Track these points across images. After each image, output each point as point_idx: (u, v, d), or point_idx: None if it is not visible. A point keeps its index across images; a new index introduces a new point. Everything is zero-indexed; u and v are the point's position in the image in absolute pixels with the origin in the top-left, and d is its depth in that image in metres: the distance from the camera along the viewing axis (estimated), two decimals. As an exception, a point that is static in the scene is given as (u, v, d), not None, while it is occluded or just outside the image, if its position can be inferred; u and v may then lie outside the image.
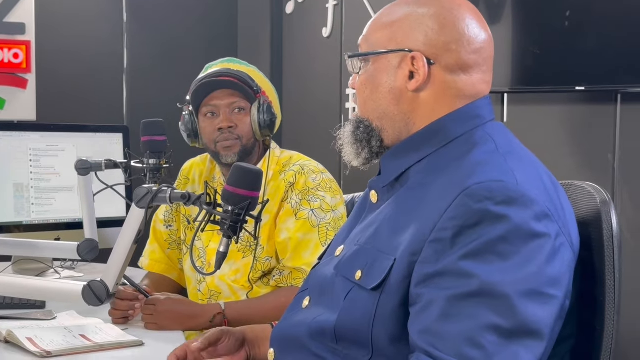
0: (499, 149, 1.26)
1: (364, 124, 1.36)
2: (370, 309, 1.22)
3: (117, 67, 4.06)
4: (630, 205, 2.26)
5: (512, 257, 1.13)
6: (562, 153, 2.48)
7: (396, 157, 1.35)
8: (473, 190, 1.17)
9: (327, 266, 1.39)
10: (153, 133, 2.13)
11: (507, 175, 1.19)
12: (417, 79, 1.30)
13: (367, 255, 1.27)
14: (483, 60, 1.34)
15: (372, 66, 1.35)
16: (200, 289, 2.23)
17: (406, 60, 1.31)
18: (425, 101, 1.32)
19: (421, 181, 1.28)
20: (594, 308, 1.27)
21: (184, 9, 4.19)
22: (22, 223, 2.61)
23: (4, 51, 3.75)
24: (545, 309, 1.14)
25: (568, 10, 2.33)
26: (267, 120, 2.16)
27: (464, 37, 1.31)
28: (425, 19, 1.31)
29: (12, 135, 2.61)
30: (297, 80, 4.04)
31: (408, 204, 1.27)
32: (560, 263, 1.17)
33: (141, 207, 1.58)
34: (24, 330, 1.80)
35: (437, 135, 1.31)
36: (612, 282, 1.23)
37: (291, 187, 2.13)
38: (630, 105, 2.28)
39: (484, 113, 1.33)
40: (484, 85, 1.35)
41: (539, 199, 1.18)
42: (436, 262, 1.16)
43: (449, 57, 1.30)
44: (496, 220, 1.14)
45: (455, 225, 1.16)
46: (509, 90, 2.62)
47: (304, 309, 1.39)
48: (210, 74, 2.17)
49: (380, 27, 1.35)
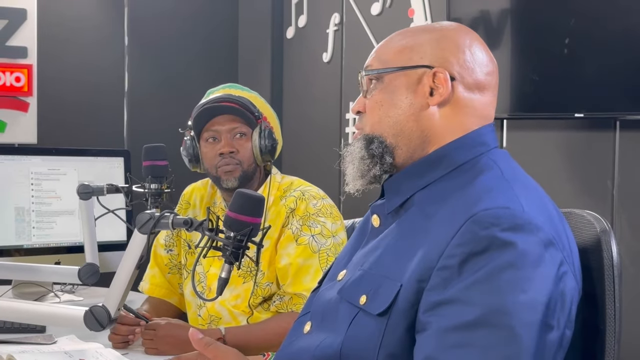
0: (504, 175, 1.27)
1: (378, 140, 1.35)
2: (376, 335, 1.22)
3: (118, 91, 4.07)
4: (629, 232, 2.27)
5: (518, 284, 1.13)
6: (561, 179, 2.49)
7: (401, 183, 1.34)
8: (480, 217, 1.17)
9: (329, 291, 1.38)
10: (155, 158, 2.14)
11: (513, 202, 1.19)
12: (441, 93, 1.30)
13: (371, 281, 1.27)
14: (494, 84, 1.36)
15: (389, 83, 1.34)
16: (201, 314, 2.23)
17: (427, 76, 1.31)
18: (443, 118, 1.32)
19: (426, 208, 1.28)
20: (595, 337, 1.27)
21: (185, 33, 4.21)
22: (23, 247, 2.61)
23: (5, 75, 3.77)
24: (548, 339, 1.14)
25: (567, 37, 2.34)
26: (268, 145, 2.17)
27: (479, 59, 1.33)
28: (442, 39, 1.33)
29: (13, 159, 2.62)
30: (297, 105, 4.05)
31: (413, 230, 1.27)
32: (562, 292, 1.17)
33: (143, 232, 1.58)
34: (25, 355, 1.80)
35: (442, 162, 1.31)
36: (612, 311, 1.23)
37: (292, 213, 2.14)
38: (629, 132, 2.30)
39: (488, 140, 1.34)
40: (492, 110, 1.37)
41: (545, 226, 1.18)
42: (444, 289, 1.16)
43: (468, 75, 1.32)
44: (503, 247, 1.14)
45: (462, 252, 1.16)
46: (508, 116, 2.63)
47: (306, 335, 1.38)
48: (211, 100, 2.18)
49: (397, 48, 1.36)
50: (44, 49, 3.86)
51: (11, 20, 3.77)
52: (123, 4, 4.08)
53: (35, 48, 3.83)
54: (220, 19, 4.31)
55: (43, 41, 3.85)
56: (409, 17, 3.12)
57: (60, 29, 3.94)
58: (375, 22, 3.35)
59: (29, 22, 3.80)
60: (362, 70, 1.39)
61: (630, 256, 2.25)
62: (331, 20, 3.69)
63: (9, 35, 3.78)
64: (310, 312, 1.42)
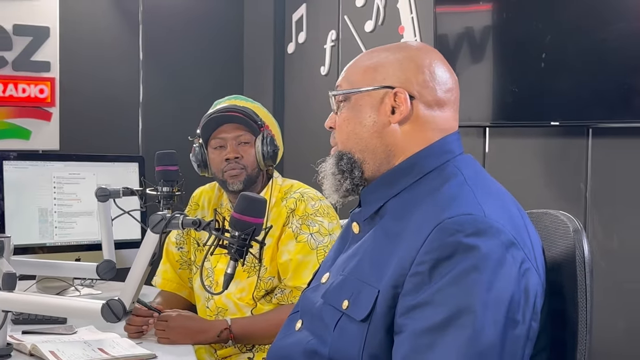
0: (468, 182, 1.27)
1: (346, 156, 1.36)
2: (360, 339, 1.22)
3: (133, 102, 4.07)
4: (600, 231, 2.27)
5: (483, 285, 1.13)
6: (538, 182, 2.49)
7: (375, 192, 1.35)
8: (445, 225, 1.17)
9: (314, 292, 1.39)
10: (166, 163, 2.15)
11: (475, 208, 1.19)
12: (401, 111, 1.31)
13: (352, 286, 1.27)
14: (454, 99, 1.37)
15: (355, 102, 1.36)
16: (209, 306, 2.23)
17: (389, 96, 1.32)
18: (405, 134, 1.32)
19: (398, 214, 1.29)
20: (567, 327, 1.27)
21: (195, 49, 4.21)
22: (46, 245, 2.61)
23: (30, 87, 3.77)
24: (514, 333, 1.14)
25: (544, 52, 2.34)
26: (270, 151, 2.18)
27: (439, 78, 1.34)
28: (404, 60, 1.34)
29: (37, 165, 2.62)
30: (297, 114, 4.06)
31: (387, 236, 1.27)
32: (526, 288, 1.17)
33: (156, 232, 1.58)
34: (47, 344, 1.80)
35: (412, 170, 1.32)
36: (584, 304, 1.23)
37: (292, 213, 2.14)
38: (600, 139, 2.30)
39: (453, 148, 1.34)
40: (455, 122, 1.37)
41: (506, 228, 1.18)
42: (416, 294, 1.16)
43: (427, 93, 1.32)
44: (468, 251, 1.14)
45: (431, 259, 1.16)
46: (490, 124, 2.63)
47: (297, 331, 1.38)
48: (218, 110, 2.19)
49: (362, 69, 1.37)
50: (66, 64, 3.86)
51: (35, 37, 3.77)
52: (138, 23, 4.08)
53: (57, 62, 3.82)
54: (227, 35, 4.32)
55: (65, 56, 3.85)
56: (400, 33, 3.12)
57: (80, 45, 3.94)
58: (368, 38, 3.35)
59: (51, 39, 3.80)
60: (332, 90, 1.40)
61: (601, 253, 2.25)
62: (328, 37, 3.69)
63: (34, 51, 3.78)
64: (300, 311, 1.42)
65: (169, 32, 4.15)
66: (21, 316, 2.06)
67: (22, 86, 3.75)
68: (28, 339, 1.87)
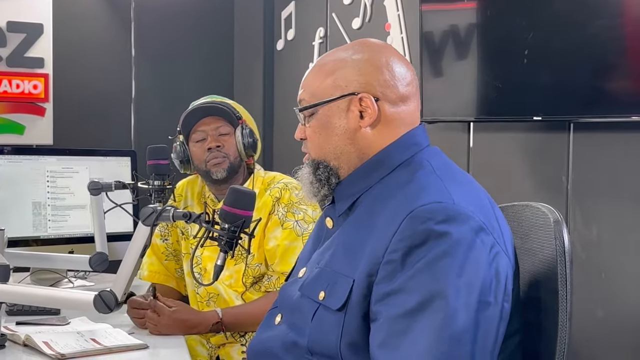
0: (436, 172, 1.28)
1: (322, 165, 1.36)
2: (337, 327, 1.23)
3: (125, 98, 4.06)
4: (581, 223, 2.28)
5: (454, 270, 1.14)
6: (521, 176, 2.50)
7: (347, 188, 1.35)
8: (417, 213, 1.18)
9: (292, 286, 1.39)
10: (158, 157, 2.14)
11: (444, 196, 1.20)
12: (370, 115, 1.31)
13: (327, 277, 1.27)
14: (415, 90, 1.37)
15: (322, 114, 1.34)
16: (199, 292, 2.23)
17: (354, 102, 1.32)
18: (376, 135, 1.33)
19: (370, 207, 1.29)
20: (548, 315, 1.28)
21: (186, 46, 4.20)
22: (40, 237, 2.60)
23: (24, 83, 3.75)
24: (486, 314, 1.15)
25: (526, 49, 2.35)
26: (250, 141, 2.20)
27: (398, 75, 1.33)
28: (361, 63, 1.33)
29: (31, 159, 2.61)
30: (287, 109, 4.05)
31: (360, 228, 1.28)
32: (497, 270, 1.18)
33: (147, 224, 1.58)
34: (40, 335, 1.79)
35: (382, 164, 1.32)
36: (564, 292, 1.24)
37: (277, 201, 2.16)
38: (581, 133, 2.30)
39: (420, 140, 1.35)
40: (418, 113, 1.38)
41: (475, 214, 1.19)
42: (390, 281, 1.17)
43: (390, 92, 1.32)
44: (439, 238, 1.15)
45: (404, 247, 1.17)
46: (474, 119, 2.64)
47: (277, 325, 1.39)
48: (196, 105, 2.22)
49: (321, 77, 1.35)
50: (59, 60, 3.84)
51: (29, 34, 3.75)
52: (130, 19, 4.06)
53: (51, 59, 3.81)
54: (218, 32, 4.31)
55: (58, 53, 3.84)
56: (386, 30, 3.12)
57: (73, 42, 3.92)
58: (356, 35, 3.34)
59: (45, 36, 3.79)
60: (296, 107, 1.39)
61: (582, 244, 2.26)
62: (317, 34, 3.69)
63: (28, 48, 3.76)
64: (279, 305, 1.43)
65: (161, 29, 4.14)
66: (15, 307, 2.05)
67: (16, 82, 3.74)
68: (22, 329, 1.86)
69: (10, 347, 1.76)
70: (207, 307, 2.19)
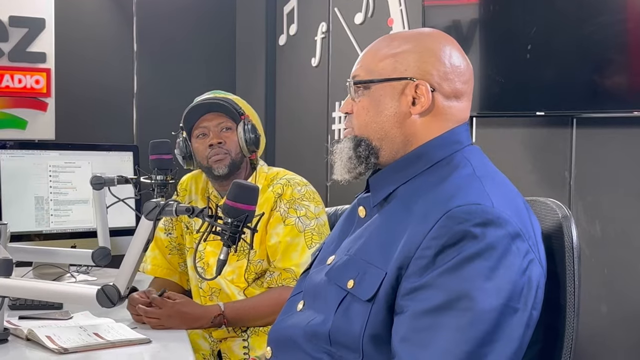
0: (476, 172, 1.26)
1: (365, 142, 1.34)
2: (362, 317, 1.21)
3: (127, 92, 4.04)
4: (584, 218, 2.26)
5: (483, 273, 1.12)
6: (524, 171, 2.49)
7: (385, 179, 1.34)
8: (454, 213, 1.16)
9: (319, 274, 1.37)
10: (160, 152, 2.13)
11: (484, 199, 1.19)
12: (422, 104, 1.29)
13: (357, 266, 1.26)
14: (470, 89, 1.36)
15: (375, 91, 1.33)
16: (202, 287, 2.23)
17: (410, 87, 1.30)
18: (424, 124, 1.31)
19: (407, 200, 1.27)
20: (557, 313, 1.27)
21: (188, 40, 4.18)
22: (42, 232, 2.59)
23: (26, 77, 3.73)
24: (513, 320, 1.13)
25: (529, 44, 2.33)
26: (252, 137, 2.18)
27: (458, 69, 1.32)
28: (425, 51, 1.31)
29: (34, 154, 2.60)
30: (288, 105, 4.04)
31: (395, 220, 1.26)
32: (529, 278, 1.16)
33: (150, 219, 1.57)
34: (43, 329, 1.78)
35: (422, 159, 1.30)
36: (572, 288, 1.23)
37: (279, 198, 2.14)
38: (584, 128, 2.29)
39: (462, 139, 1.33)
40: (468, 112, 1.36)
41: (512, 220, 1.17)
42: (419, 277, 1.16)
43: (447, 85, 1.31)
44: (474, 240, 1.14)
45: (437, 244, 1.15)
46: (477, 114, 2.62)
47: (299, 312, 1.37)
48: (199, 101, 2.20)
49: (382, 57, 1.33)
50: (61, 55, 3.82)
51: (31, 28, 3.73)
52: (132, 15, 4.04)
53: (53, 53, 3.78)
54: (220, 27, 4.28)
55: (60, 47, 3.81)
56: (389, 25, 3.10)
57: (75, 37, 3.90)
58: (358, 30, 3.33)
59: (47, 30, 3.76)
60: (350, 79, 1.37)
61: (585, 239, 2.24)
62: (319, 29, 3.67)
63: (30, 42, 3.74)
64: (302, 292, 1.41)
65: (163, 23, 4.12)
66: (17, 302, 2.04)
67: (18, 77, 3.72)
68: (25, 324, 1.86)
69: (13, 342, 1.75)
70: (209, 302, 2.18)
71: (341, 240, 1.40)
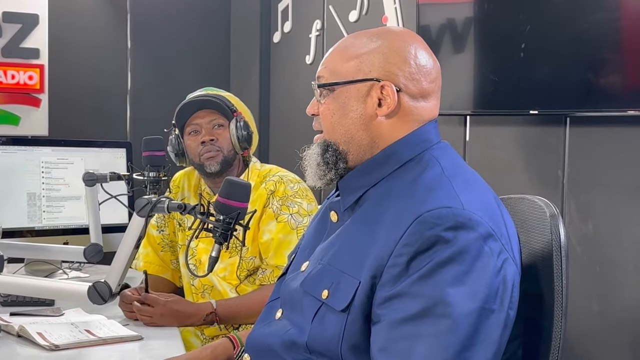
0: (445, 172, 1.25)
1: (332, 147, 1.32)
2: (339, 329, 1.20)
3: (121, 89, 4.04)
4: (577, 216, 2.27)
5: (458, 277, 1.12)
6: (517, 169, 2.50)
7: (353, 181, 1.32)
8: (424, 218, 1.15)
9: (294, 281, 1.36)
10: (153, 149, 2.14)
11: (454, 201, 1.17)
12: (388, 105, 1.28)
13: (331, 275, 1.25)
14: (437, 88, 1.34)
15: (340, 94, 1.31)
16: (194, 284, 2.23)
17: (375, 89, 1.28)
18: (390, 126, 1.29)
19: (377, 204, 1.26)
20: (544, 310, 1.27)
21: (182, 37, 4.18)
22: (34, 228, 2.60)
23: (20, 73, 3.73)
24: (490, 322, 1.13)
25: (523, 43, 2.34)
26: (245, 134, 2.18)
27: (424, 69, 1.30)
28: (389, 51, 1.29)
29: (26, 150, 2.60)
30: (283, 101, 4.04)
31: (366, 227, 1.25)
32: (504, 277, 1.16)
33: (141, 215, 1.57)
34: (34, 326, 1.79)
35: (390, 159, 1.29)
36: (560, 287, 1.23)
37: (272, 195, 2.15)
38: (577, 127, 2.30)
39: (431, 137, 1.32)
40: (436, 110, 1.34)
41: (483, 220, 1.16)
42: (394, 285, 1.15)
43: (413, 86, 1.29)
44: (446, 244, 1.13)
45: (409, 251, 1.14)
46: (470, 113, 2.63)
47: (277, 320, 1.36)
48: (191, 98, 2.21)
49: (347, 58, 1.32)
50: (55, 51, 3.82)
51: (25, 24, 3.73)
52: (126, 11, 4.04)
53: (46, 49, 3.78)
54: (214, 24, 4.29)
55: (53, 43, 3.81)
56: (383, 23, 3.10)
57: (69, 33, 3.90)
58: (353, 28, 3.33)
59: (40, 26, 3.76)
60: (315, 81, 1.35)
61: (577, 237, 2.25)
62: (313, 26, 3.67)
63: (23, 38, 3.73)
64: (280, 299, 1.40)
65: (157, 20, 4.12)
66: (9, 298, 2.04)
67: (12, 73, 3.71)
68: (16, 320, 1.86)
69: (4, 338, 1.76)
70: (201, 299, 2.18)
71: (315, 245, 1.38)
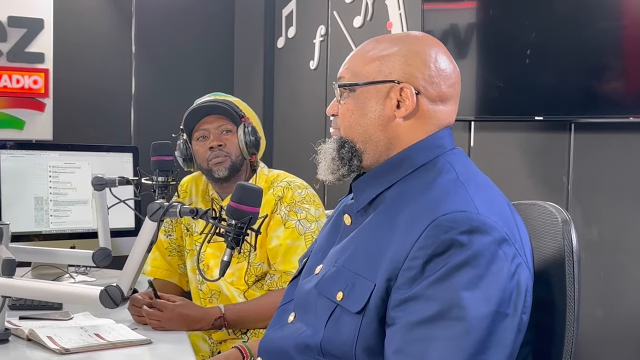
0: (460, 178, 1.26)
1: (348, 144, 1.34)
2: (354, 331, 1.21)
3: (126, 93, 4.05)
4: (581, 222, 2.29)
5: (473, 281, 1.13)
6: (522, 175, 2.51)
7: (368, 184, 1.33)
8: (440, 222, 1.16)
9: (308, 284, 1.37)
10: (162, 153, 2.14)
11: (468, 205, 1.19)
12: (406, 107, 1.29)
13: (346, 277, 1.26)
14: (456, 93, 1.35)
15: (360, 94, 1.33)
16: (202, 289, 2.24)
17: (395, 91, 1.30)
18: (408, 128, 1.31)
19: (392, 207, 1.27)
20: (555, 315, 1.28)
21: (187, 42, 4.19)
22: (42, 232, 2.60)
23: (24, 78, 3.74)
24: (505, 326, 1.14)
25: (528, 49, 2.35)
26: (252, 139, 2.19)
27: (444, 73, 1.32)
28: (410, 54, 1.31)
29: (33, 154, 2.61)
30: (286, 107, 4.05)
31: (381, 230, 1.26)
32: (518, 282, 1.17)
33: (154, 220, 1.58)
34: (44, 330, 1.79)
35: (403, 163, 1.30)
36: (572, 292, 1.24)
37: (280, 200, 2.15)
38: (582, 133, 2.31)
39: (445, 143, 1.33)
40: (454, 115, 1.36)
41: (498, 225, 1.18)
42: (409, 288, 1.16)
43: (432, 89, 1.31)
44: (461, 248, 1.14)
45: (425, 254, 1.16)
46: (475, 118, 2.64)
47: (290, 324, 1.37)
48: (199, 103, 2.21)
49: (368, 60, 1.34)
50: (60, 55, 3.83)
51: (30, 29, 3.74)
52: (131, 15, 4.05)
53: (51, 54, 3.80)
54: (218, 29, 4.30)
55: (58, 48, 3.82)
56: (388, 29, 3.12)
57: (74, 37, 3.91)
58: (357, 34, 3.35)
59: (46, 31, 3.77)
60: (335, 82, 1.38)
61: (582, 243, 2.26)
62: (317, 32, 3.69)
63: (28, 43, 3.75)
64: (293, 302, 1.40)
65: (161, 25, 4.13)
66: (17, 302, 2.05)
67: (17, 77, 3.73)
68: (25, 324, 1.86)
69: (14, 342, 1.76)
70: (209, 304, 2.19)
71: (328, 248, 1.39)
